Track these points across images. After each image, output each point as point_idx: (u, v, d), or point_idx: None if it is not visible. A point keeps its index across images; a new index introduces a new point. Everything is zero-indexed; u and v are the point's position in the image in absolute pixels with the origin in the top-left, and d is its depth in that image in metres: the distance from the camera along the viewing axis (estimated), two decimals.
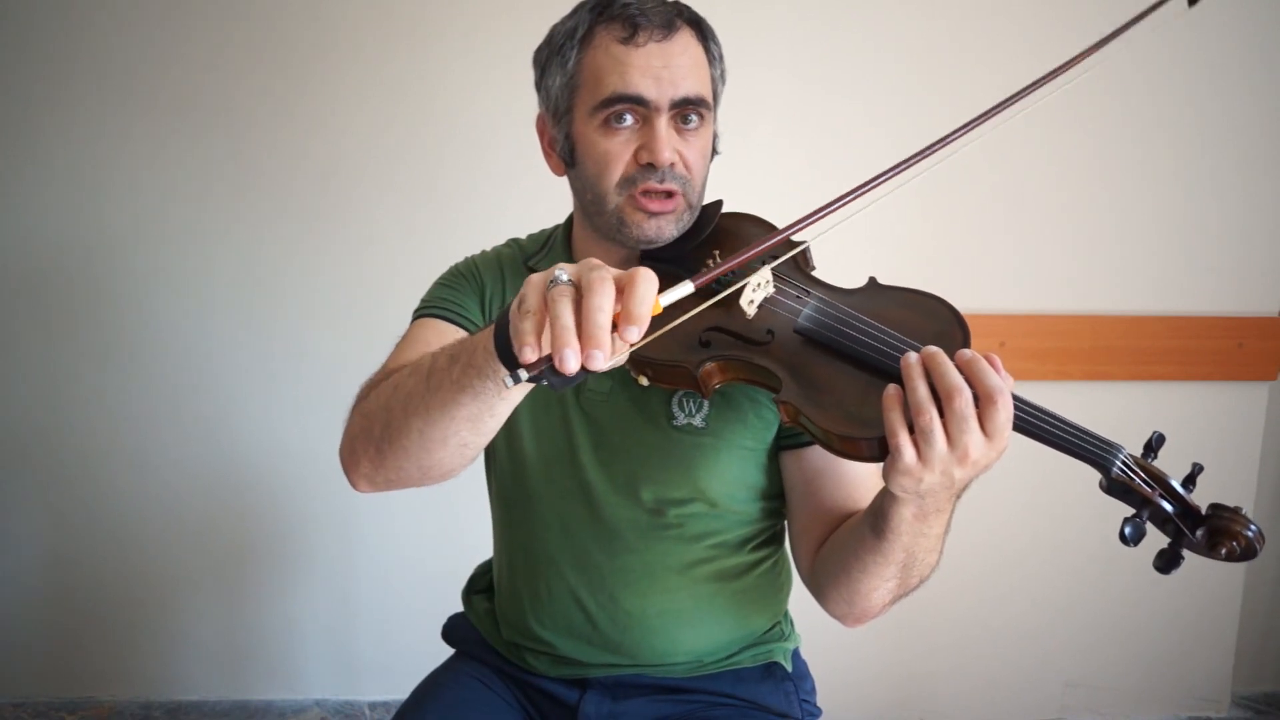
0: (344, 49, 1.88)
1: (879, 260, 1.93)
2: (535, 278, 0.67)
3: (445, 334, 1.01)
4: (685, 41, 0.94)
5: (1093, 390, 1.98)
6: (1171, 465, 0.81)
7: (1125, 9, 0.92)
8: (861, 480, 0.99)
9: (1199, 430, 1.99)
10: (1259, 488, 2.05)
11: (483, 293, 1.08)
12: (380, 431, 0.87)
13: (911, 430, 0.74)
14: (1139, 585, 2.04)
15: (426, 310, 1.05)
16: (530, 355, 0.62)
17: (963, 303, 0.89)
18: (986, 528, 2.00)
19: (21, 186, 1.93)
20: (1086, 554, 2.03)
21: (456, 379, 0.78)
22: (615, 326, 0.62)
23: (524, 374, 0.62)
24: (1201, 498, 0.79)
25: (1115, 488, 0.79)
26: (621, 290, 0.62)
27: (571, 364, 0.60)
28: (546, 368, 0.61)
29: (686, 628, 1.04)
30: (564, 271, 0.64)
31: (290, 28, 1.88)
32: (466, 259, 1.13)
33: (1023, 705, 2.11)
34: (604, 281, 0.62)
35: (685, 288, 0.66)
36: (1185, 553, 0.79)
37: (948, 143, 0.83)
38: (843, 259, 1.11)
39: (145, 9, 1.87)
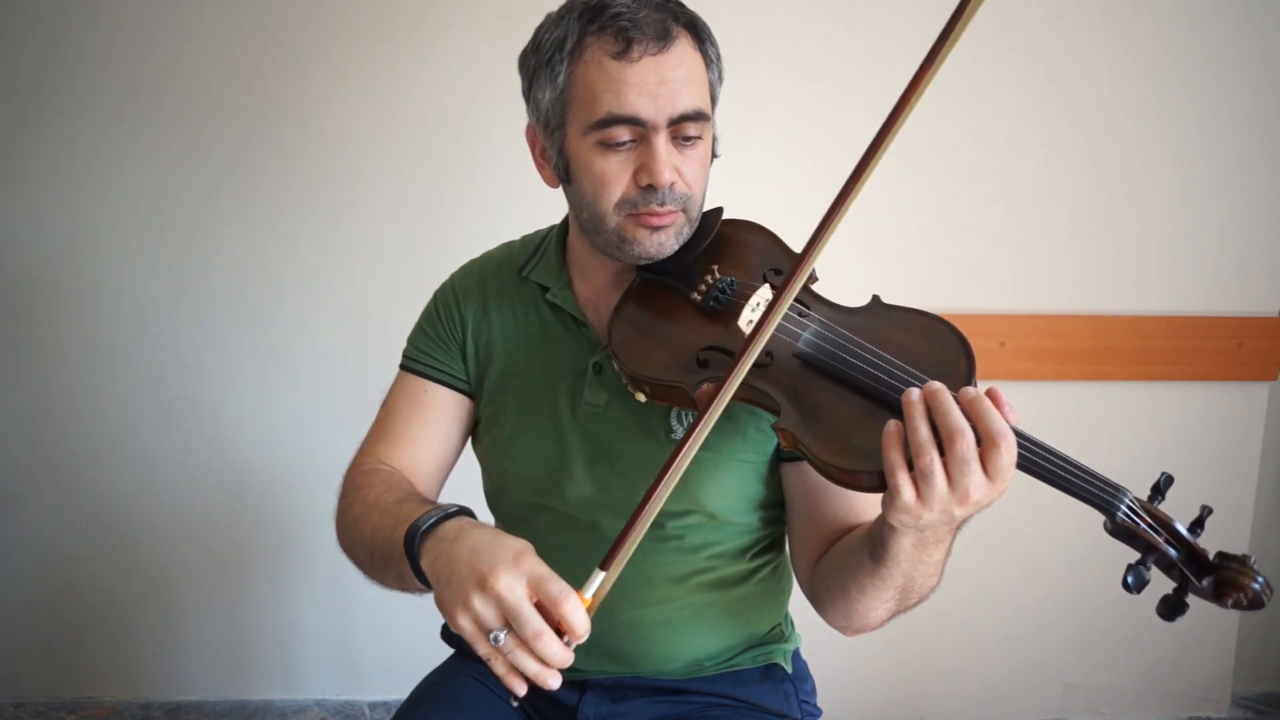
0: (345, 49, 1.88)
1: (878, 260, 1.94)
2: (471, 633, 0.75)
3: (423, 398, 1.07)
4: (682, 51, 0.89)
5: (1093, 390, 1.98)
6: (1171, 465, 0.80)
7: (1124, 10, 0.91)
8: (862, 494, 0.99)
9: (1199, 430, 1.99)
10: (1259, 488, 2.05)
11: (464, 334, 1.08)
12: (354, 559, 0.98)
13: (911, 469, 0.73)
14: None
15: (407, 363, 1.10)
16: (522, 691, 0.75)
17: (963, 303, 0.89)
18: (986, 528, 1.99)
19: (22, 187, 1.93)
20: (1086, 554, 2.02)
21: (394, 581, 0.90)
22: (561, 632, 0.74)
23: (522, 693, 0.76)
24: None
25: (1120, 532, 0.77)
26: (546, 607, 0.73)
27: (554, 686, 0.74)
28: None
29: (685, 636, 1.04)
30: (500, 632, 0.73)
31: (292, 28, 1.87)
32: (448, 284, 1.12)
33: (1023, 705, 2.10)
34: (540, 635, 0.72)
35: (597, 578, 0.76)
36: (1190, 599, 0.77)
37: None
38: (843, 258, 1.10)
39: (147, 10, 1.86)
